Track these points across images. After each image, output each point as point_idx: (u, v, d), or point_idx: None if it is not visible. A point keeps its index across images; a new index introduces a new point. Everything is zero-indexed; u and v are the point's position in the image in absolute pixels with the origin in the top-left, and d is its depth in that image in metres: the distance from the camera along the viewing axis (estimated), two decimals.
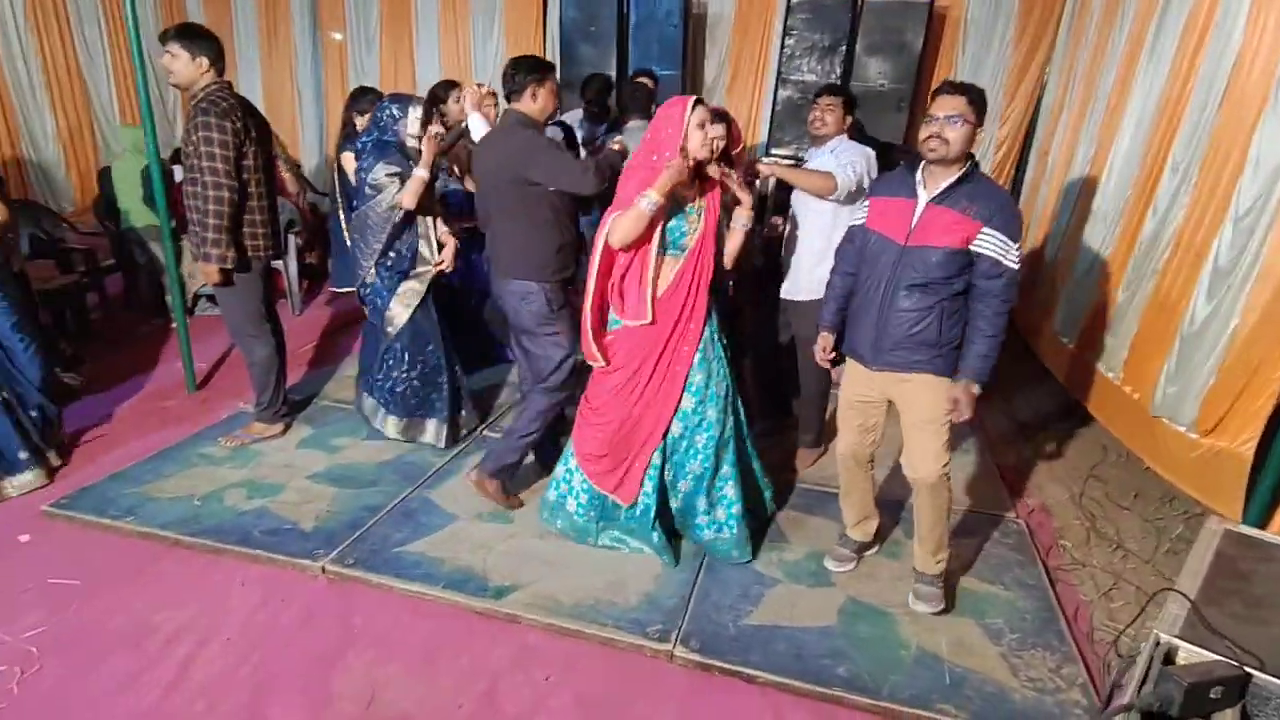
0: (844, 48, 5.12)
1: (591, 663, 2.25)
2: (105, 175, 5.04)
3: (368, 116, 3.55)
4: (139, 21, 3.36)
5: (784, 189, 3.31)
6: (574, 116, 4.41)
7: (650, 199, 2.31)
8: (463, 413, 3.51)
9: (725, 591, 2.55)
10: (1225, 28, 2.73)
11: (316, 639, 2.29)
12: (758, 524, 2.86)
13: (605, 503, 2.69)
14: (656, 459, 2.60)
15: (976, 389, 2.24)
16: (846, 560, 2.71)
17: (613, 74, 5.52)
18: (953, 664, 2.27)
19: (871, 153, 3.09)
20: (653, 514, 2.64)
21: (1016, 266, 2.15)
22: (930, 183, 2.21)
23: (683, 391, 2.56)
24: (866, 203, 2.41)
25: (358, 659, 2.22)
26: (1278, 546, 1.48)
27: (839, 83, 3.56)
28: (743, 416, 2.72)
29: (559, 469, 2.78)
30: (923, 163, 2.23)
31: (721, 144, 3.11)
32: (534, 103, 2.71)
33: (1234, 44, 2.66)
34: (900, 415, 2.43)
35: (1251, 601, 1.36)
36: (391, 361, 3.30)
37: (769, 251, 3.46)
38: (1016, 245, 2.14)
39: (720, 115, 3.14)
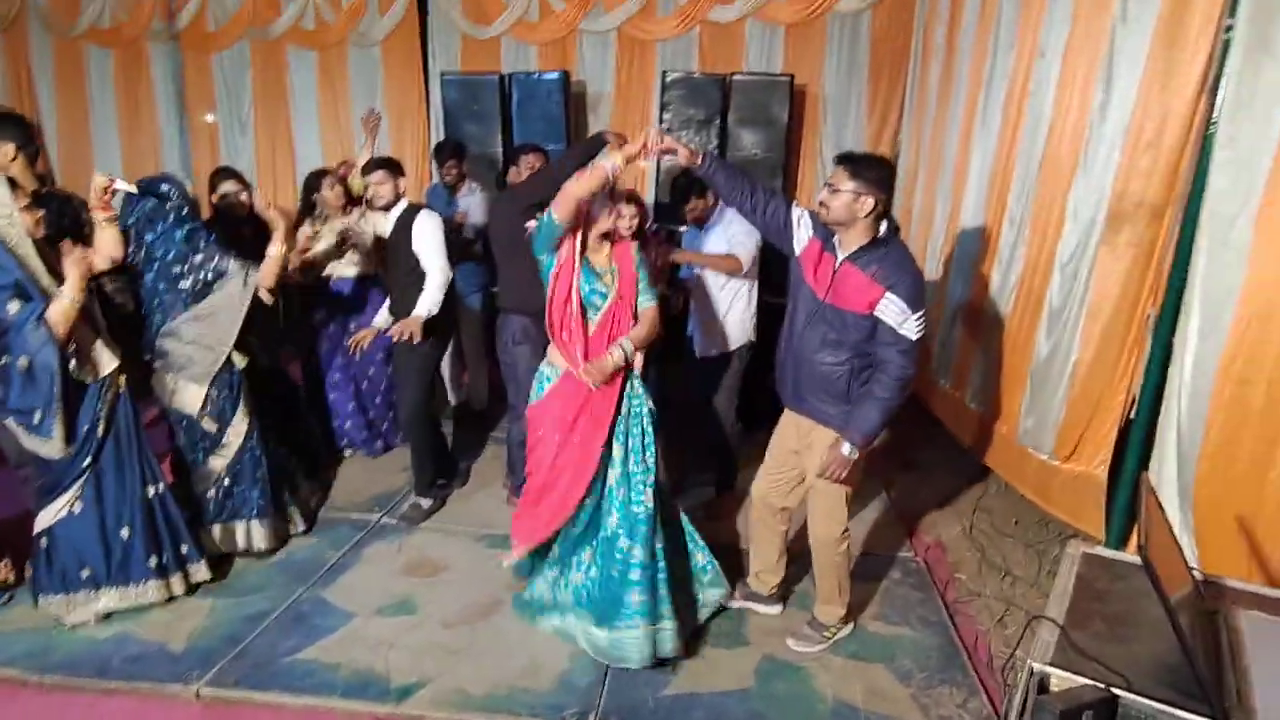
0: (718, 121, 5.45)
1: None
2: None
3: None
4: None
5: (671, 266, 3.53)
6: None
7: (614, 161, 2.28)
8: (290, 508, 3.23)
9: None
10: (1038, 101, 3.12)
11: None
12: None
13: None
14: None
15: (849, 450, 2.25)
16: (737, 598, 2.78)
17: (499, 150, 5.64)
18: (868, 712, 2.31)
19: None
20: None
21: (914, 338, 2.16)
22: (843, 244, 2.26)
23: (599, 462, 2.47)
24: (805, 225, 2.35)
25: None
26: (1129, 564, 1.61)
27: (691, 179, 3.64)
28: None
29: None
30: None
31: (635, 223, 3.28)
32: (519, 174, 3.50)
33: (1046, 115, 3.04)
34: (804, 469, 2.51)
35: (1113, 620, 1.46)
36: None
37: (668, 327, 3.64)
38: (916, 315, 2.15)
39: (630, 197, 3.32)
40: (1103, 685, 1.24)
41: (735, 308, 3.31)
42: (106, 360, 2.55)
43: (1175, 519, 2.28)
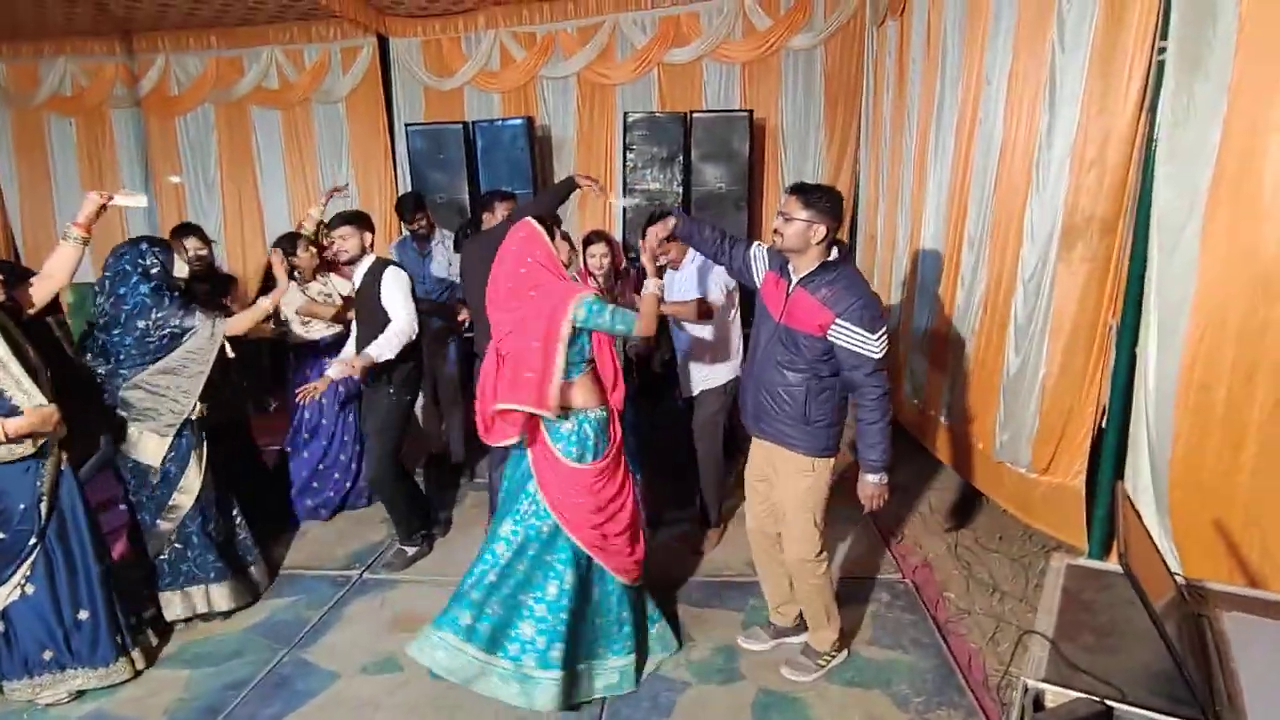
0: (681, 158, 5.56)
1: None
2: None
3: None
4: None
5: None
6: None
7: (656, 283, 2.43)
8: (252, 568, 3.17)
9: (635, 706, 2.45)
10: (988, 127, 3.23)
11: None
12: None
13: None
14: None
15: (875, 478, 2.31)
16: (758, 639, 2.76)
17: (466, 197, 5.70)
18: None
19: None
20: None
21: (878, 355, 2.20)
22: (796, 269, 2.33)
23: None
24: (762, 260, 2.47)
25: None
26: (1113, 574, 1.63)
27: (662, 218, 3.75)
28: None
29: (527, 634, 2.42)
30: None
31: (607, 260, 3.32)
32: (494, 218, 3.57)
33: (996, 140, 3.15)
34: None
35: (1101, 631, 1.47)
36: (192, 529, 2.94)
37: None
38: (875, 335, 2.19)
39: (600, 236, 3.36)
40: (1097, 698, 1.24)
41: (721, 344, 3.33)
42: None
43: (1153, 525, 2.31)
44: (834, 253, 2.29)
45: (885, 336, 2.23)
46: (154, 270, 2.84)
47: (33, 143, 6.87)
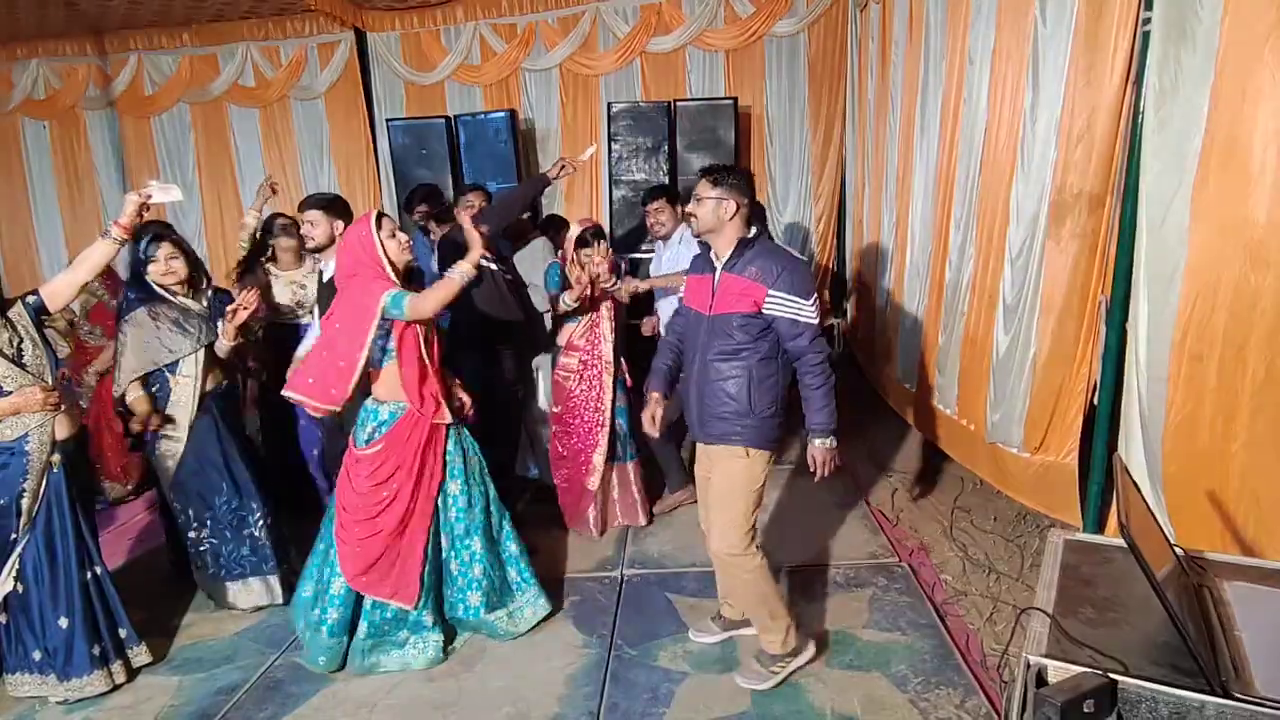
0: (665, 148, 5.52)
1: None
2: None
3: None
4: None
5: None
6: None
7: (463, 270, 2.44)
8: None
9: (634, 697, 2.43)
10: (972, 106, 3.21)
11: None
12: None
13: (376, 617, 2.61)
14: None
15: (826, 442, 2.31)
16: (707, 632, 2.71)
17: (450, 193, 5.63)
18: None
19: None
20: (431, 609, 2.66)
21: (815, 320, 2.25)
22: (718, 254, 2.33)
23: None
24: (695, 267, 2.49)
25: None
26: (1112, 547, 1.62)
27: (663, 183, 3.87)
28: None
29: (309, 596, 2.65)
30: None
31: (604, 263, 3.20)
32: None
33: (981, 119, 3.13)
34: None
35: (1102, 605, 1.46)
36: (182, 521, 2.94)
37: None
38: (810, 301, 2.23)
39: (596, 234, 3.27)
40: (1100, 672, 1.22)
41: None
42: (14, 424, 2.39)
43: (1148, 498, 2.30)
44: (751, 230, 2.31)
45: (818, 303, 2.28)
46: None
47: (8, 147, 6.77)
